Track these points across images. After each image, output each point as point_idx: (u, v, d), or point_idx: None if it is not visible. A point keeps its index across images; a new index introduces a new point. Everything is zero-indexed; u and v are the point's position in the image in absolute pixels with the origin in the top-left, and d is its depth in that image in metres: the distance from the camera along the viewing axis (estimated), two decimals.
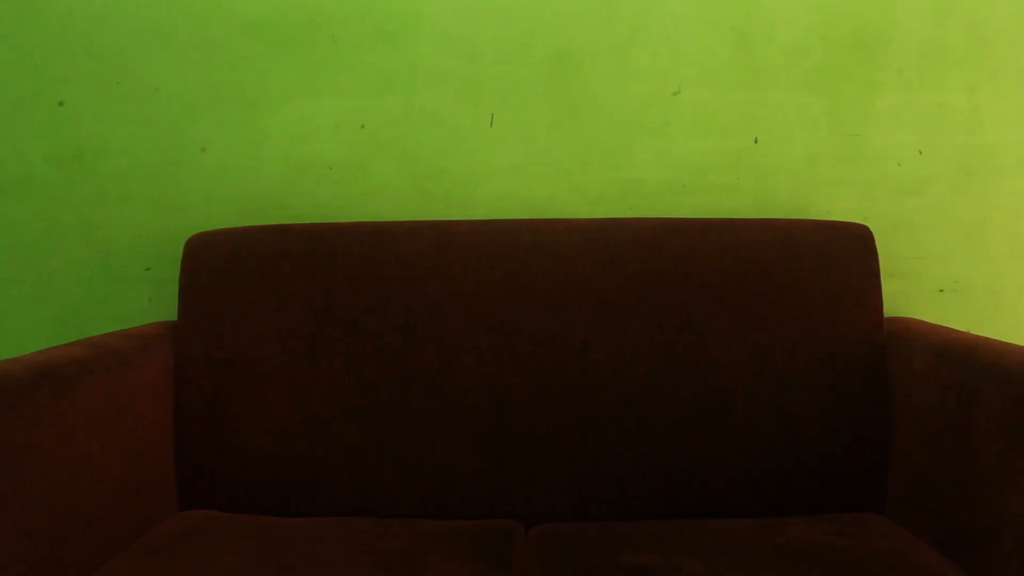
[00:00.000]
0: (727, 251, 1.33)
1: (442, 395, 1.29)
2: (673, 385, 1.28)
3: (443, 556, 1.08)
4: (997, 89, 1.45)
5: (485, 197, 1.47)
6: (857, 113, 1.45)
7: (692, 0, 1.44)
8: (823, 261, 1.33)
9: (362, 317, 1.32)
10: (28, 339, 1.44)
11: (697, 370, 1.28)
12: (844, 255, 1.34)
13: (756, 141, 1.46)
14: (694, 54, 1.45)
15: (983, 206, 1.46)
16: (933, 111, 1.45)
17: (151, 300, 1.47)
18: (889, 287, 1.39)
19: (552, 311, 1.32)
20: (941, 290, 1.47)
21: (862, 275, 1.33)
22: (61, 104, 1.46)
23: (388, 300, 1.32)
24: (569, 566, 1.06)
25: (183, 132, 1.46)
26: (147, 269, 1.47)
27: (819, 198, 1.46)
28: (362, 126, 1.46)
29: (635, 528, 1.18)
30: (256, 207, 1.46)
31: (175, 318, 1.36)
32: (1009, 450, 0.96)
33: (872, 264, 1.34)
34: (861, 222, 1.39)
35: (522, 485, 1.28)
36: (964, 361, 1.09)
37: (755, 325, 1.31)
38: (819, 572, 1.00)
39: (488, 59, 1.45)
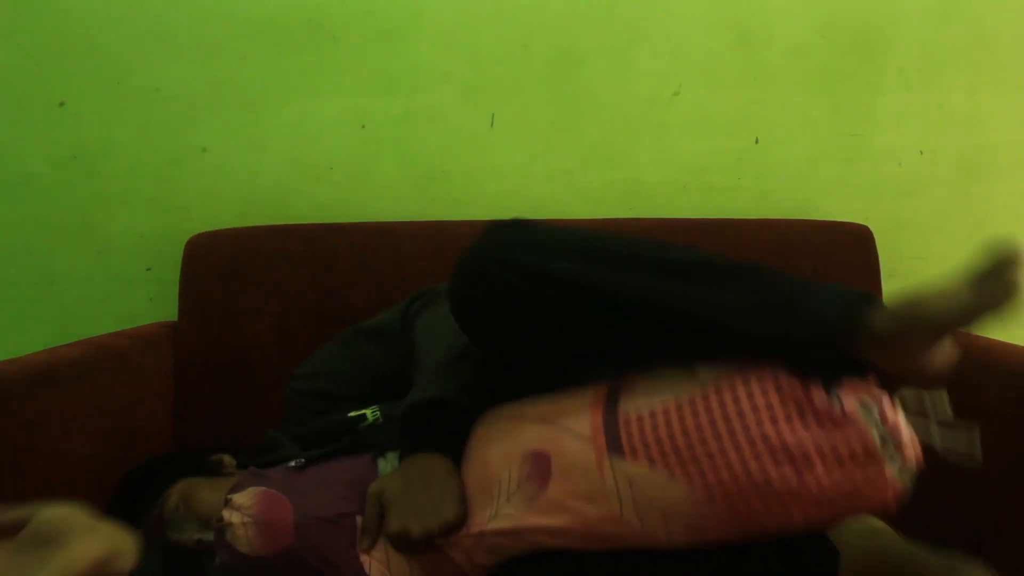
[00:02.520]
0: (727, 251, 1.33)
1: None
2: None
3: None
4: (998, 89, 1.45)
5: (485, 197, 1.47)
6: (858, 113, 1.45)
7: (692, 0, 1.44)
8: (823, 261, 1.33)
9: (362, 317, 1.31)
10: (28, 339, 1.44)
11: None
12: (845, 255, 1.33)
13: (756, 141, 1.46)
14: (694, 54, 1.45)
15: (984, 206, 1.46)
16: (934, 111, 1.45)
17: (151, 300, 1.47)
18: (889, 287, 1.39)
19: None
20: None
21: (863, 275, 1.33)
22: (61, 104, 1.46)
23: (388, 300, 1.32)
24: None
25: (184, 132, 1.46)
26: (147, 269, 1.47)
27: (820, 198, 1.46)
28: (363, 126, 1.46)
29: None
30: (256, 207, 1.46)
31: (175, 318, 1.36)
32: (1009, 450, 0.96)
33: (873, 264, 1.34)
34: (862, 222, 1.39)
35: None
36: (964, 361, 1.09)
37: None
38: None
39: (488, 59, 1.45)
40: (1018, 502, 0.94)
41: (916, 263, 1.46)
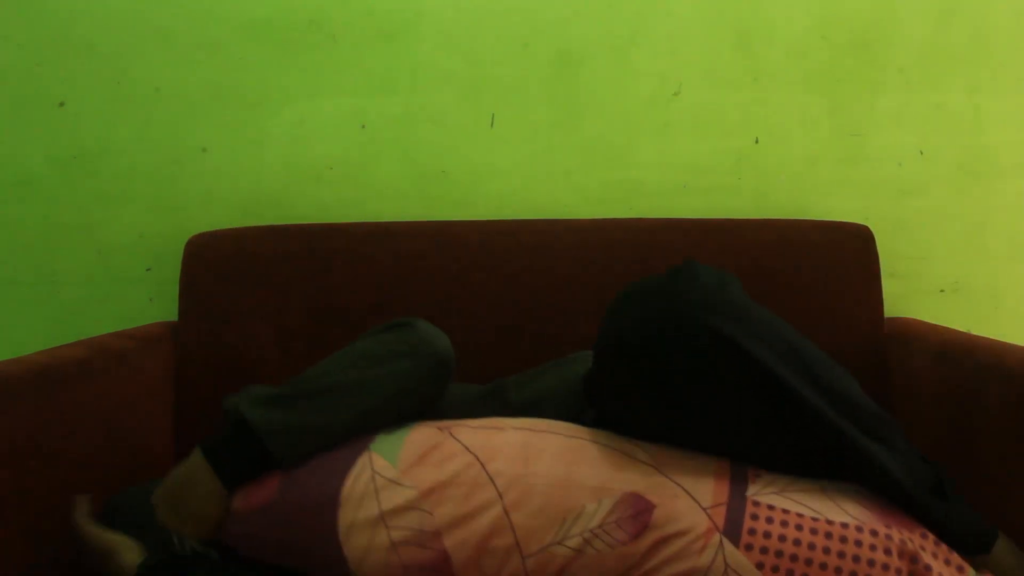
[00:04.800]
0: (727, 251, 1.33)
1: None
2: None
3: None
4: (998, 89, 1.45)
5: (486, 197, 1.47)
6: (858, 113, 1.45)
7: (692, 0, 1.44)
8: (823, 261, 1.33)
9: (362, 317, 1.32)
10: (28, 339, 1.44)
11: None
12: (844, 255, 1.34)
13: (756, 141, 1.46)
14: (694, 54, 1.45)
15: (983, 206, 1.46)
16: (934, 111, 1.45)
17: (151, 300, 1.47)
18: (889, 287, 1.39)
19: (553, 311, 1.32)
20: (941, 290, 1.47)
21: (862, 275, 1.33)
22: (61, 104, 1.46)
23: (388, 300, 1.32)
24: None
25: (184, 132, 1.46)
26: (147, 269, 1.47)
27: (819, 198, 1.46)
28: (363, 126, 1.46)
29: None
30: (256, 207, 1.46)
31: (175, 318, 1.36)
32: (1009, 450, 0.96)
33: (872, 264, 1.34)
34: (861, 222, 1.39)
35: None
36: (964, 361, 1.09)
37: None
38: None
39: (489, 59, 1.45)
40: (1019, 503, 0.94)
41: (916, 263, 1.46)
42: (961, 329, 1.28)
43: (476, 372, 1.29)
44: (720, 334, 0.75)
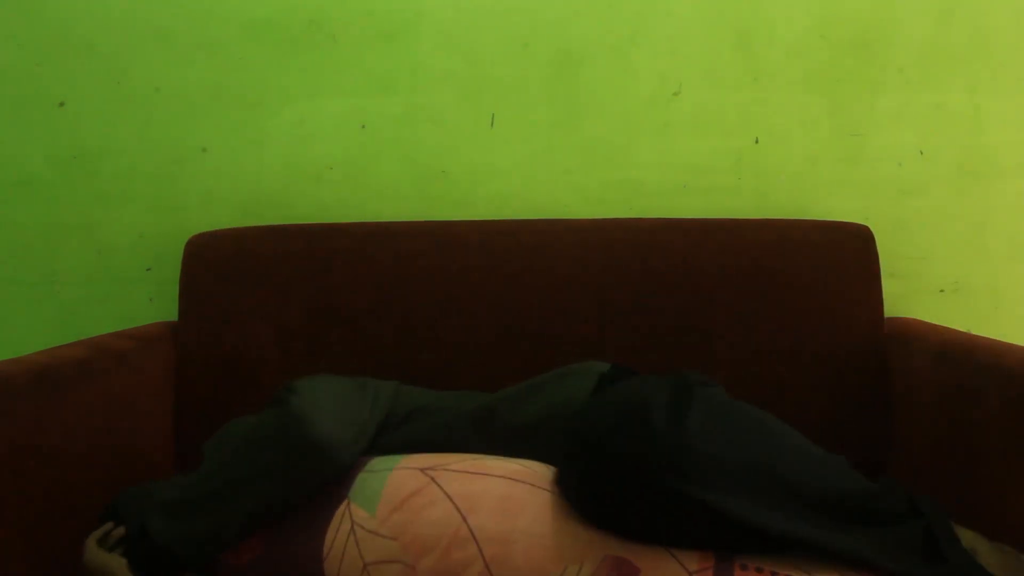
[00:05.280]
0: (727, 251, 1.33)
1: None
2: None
3: None
4: (998, 89, 1.45)
5: (485, 197, 1.47)
6: (858, 113, 1.45)
7: (692, 0, 1.44)
8: (823, 261, 1.33)
9: (362, 317, 1.32)
10: (28, 339, 1.44)
11: (697, 370, 1.27)
12: (844, 255, 1.34)
13: (756, 141, 1.46)
14: (694, 54, 1.45)
15: (983, 207, 1.46)
16: (934, 111, 1.45)
17: (151, 300, 1.47)
18: (889, 287, 1.39)
19: (553, 311, 1.32)
20: (941, 290, 1.47)
21: (862, 275, 1.33)
22: (62, 104, 1.46)
23: (388, 300, 1.32)
24: None
25: (184, 133, 1.46)
26: (148, 269, 1.47)
27: (819, 198, 1.46)
28: (363, 126, 1.46)
29: None
30: (256, 207, 1.46)
31: (175, 318, 1.36)
32: (1009, 450, 0.96)
33: (872, 264, 1.34)
34: (861, 222, 1.39)
35: None
36: (964, 361, 1.09)
37: (755, 325, 1.31)
38: None
39: (489, 59, 1.45)
40: (1019, 503, 0.94)
41: (916, 263, 1.46)
42: (961, 329, 1.28)
43: (476, 373, 1.29)
44: (682, 496, 0.75)
